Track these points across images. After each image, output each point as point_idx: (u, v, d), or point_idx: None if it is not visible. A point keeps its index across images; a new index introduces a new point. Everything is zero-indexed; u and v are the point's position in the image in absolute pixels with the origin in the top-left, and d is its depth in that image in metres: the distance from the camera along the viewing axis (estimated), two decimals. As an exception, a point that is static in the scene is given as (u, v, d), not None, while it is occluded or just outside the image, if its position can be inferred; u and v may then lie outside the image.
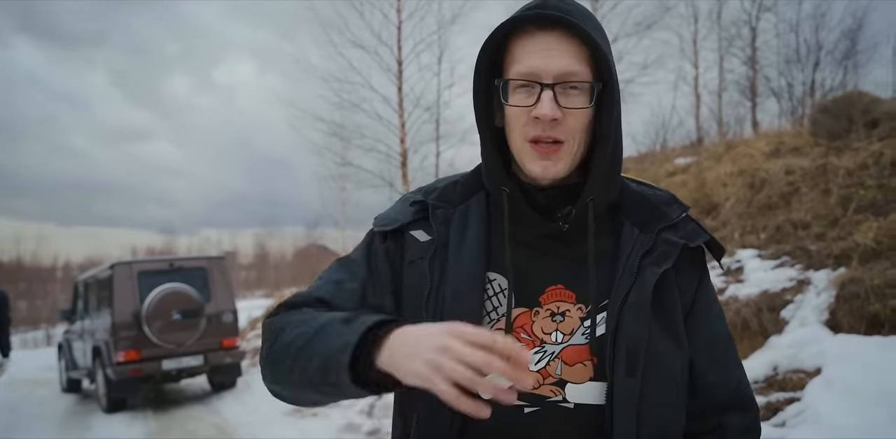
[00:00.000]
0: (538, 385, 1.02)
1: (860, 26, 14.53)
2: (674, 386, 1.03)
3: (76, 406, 9.43)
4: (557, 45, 0.99)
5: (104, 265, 9.24)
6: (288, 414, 7.56)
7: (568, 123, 1.00)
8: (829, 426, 3.42)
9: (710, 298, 1.12)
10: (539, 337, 1.04)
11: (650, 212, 1.10)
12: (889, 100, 6.90)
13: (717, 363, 1.08)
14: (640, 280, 1.02)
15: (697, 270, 1.11)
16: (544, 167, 1.02)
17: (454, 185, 1.18)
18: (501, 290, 1.07)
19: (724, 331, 1.12)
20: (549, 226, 1.07)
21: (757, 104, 16.13)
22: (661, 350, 1.01)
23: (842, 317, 4.24)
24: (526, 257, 1.08)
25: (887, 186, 5.33)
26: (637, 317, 1.00)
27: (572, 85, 0.99)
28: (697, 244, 1.08)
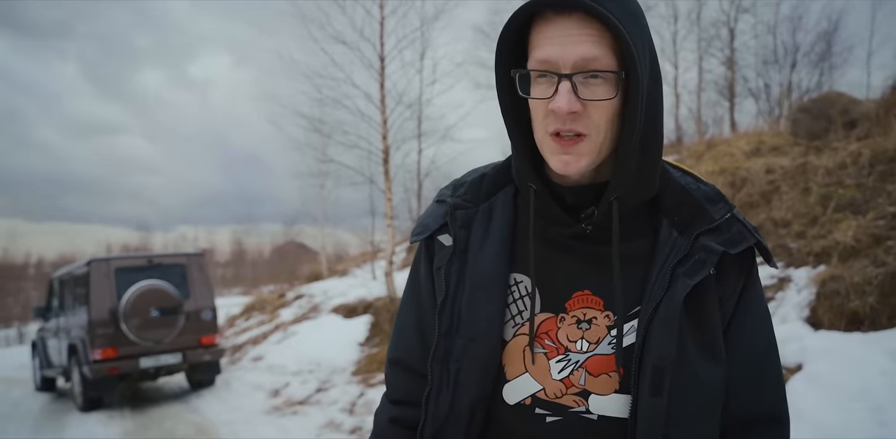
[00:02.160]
0: (561, 394, 0.99)
1: (836, 29, 14.79)
2: (707, 404, 0.96)
3: (51, 405, 9.28)
4: (577, 30, 0.90)
5: (81, 261, 9.11)
6: (269, 413, 7.51)
7: (591, 115, 0.92)
8: (811, 421, 3.46)
9: (754, 307, 1.03)
10: (564, 345, 1.00)
11: (691, 211, 1.00)
12: (867, 101, 7.00)
13: (756, 376, 1.01)
14: (670, 292, 0.94)
15: (743, 276, 1.01)
16: (565, 162, 0.94)
17: (482, 179, 1.13)
18: (527, 293, 1.03)
19: (768, 342, 1.04)
20: (576, 227, 1.01)
21: (735, 104, 16.33)
22: (694, 367, 0.95)
23: (822, 314, 4.29)
24: (552, 259, 1.03)
25: (866, 185, 5.40)
26: (666, 333, 0.93)
27: (593, 74, 0.90)
28: (739, 250, 0.98)
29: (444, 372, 1.03)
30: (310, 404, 7.59)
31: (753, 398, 1.01)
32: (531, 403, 0.99)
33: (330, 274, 16.77)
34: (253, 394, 8.52)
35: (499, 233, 1.05)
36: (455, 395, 1.02)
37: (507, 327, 1.03)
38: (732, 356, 1.00)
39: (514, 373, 1.01)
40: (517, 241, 1.06)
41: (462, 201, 1.10)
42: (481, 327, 1.01)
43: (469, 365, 1.01)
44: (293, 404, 7.69)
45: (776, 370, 1.04)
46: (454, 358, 1.02)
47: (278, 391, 8.37)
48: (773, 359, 1.04)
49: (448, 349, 1.03)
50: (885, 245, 4.51)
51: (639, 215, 1.02)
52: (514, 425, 1.00)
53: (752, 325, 1.02)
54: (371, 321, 9.95)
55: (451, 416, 1.02)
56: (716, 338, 0.97)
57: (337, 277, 15.62)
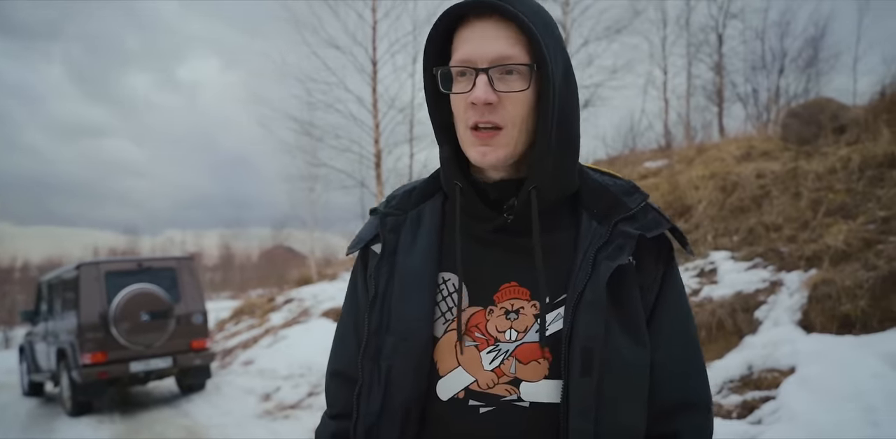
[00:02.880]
0: (493, 384, 1.01)
1: (823, 35, 14.96)
2: (634, 384, 1.01)
3: (38, 409, 9.21)
4: (494, 31, 0.98)
5: (70, 265, 9.05)
6: (260, 417, 7.48)
7: (506, 108, 0.99)
8: (804, 423, 3.49)
9: (674, 296, 1.09)
10: (493, 336, 1.03)
11: (609, 203, 1.07)
12: (856, 107, 7.08)
13: (679, 362, 1.06)
14: (594, 277, 0.99)
15: (661, 265, 1.08)
16: (483, 153, 1.01)
17: (411, 192, 1.19)
18: (456, 290, 1.06)
19: (690, 330, 1.10)
20: (499, 220, 1.06)
21: (723, 109, 16.45)
22: (620, 348, 0.99)
23: (814, 317, 4.32)
24: (479, 254, 1.07)
25: (856, 190, 5.46)
26: (592, 317, 0.97)
27: (509, 69, 0.98)
28: (655, 234, 1.04)
29: (374, 369, 1.06)
30: (301, 408, 7.56)
31: (678, 386, 1.05)
32: (465, 396, 1.02)
33: (319, 278, 16.73)
34: (244, 398, 8.48)
35: (427, 235, 1.11)
36: (387, 392, 1.04)
37: (438, 324, 1.06)
38: (657, 345, 1.04)
39: (446, 369, 1.04)
40: (445, 242, 1.10)
41: (392, 210, 1.16)
42: (412, 326, 1.05)
43: (400, 364, 1.04)
44: (284, 408, 7.66)
45: (698, 358, 1.09)
46: (385, 356, 1.06)
47: (269, 395, 8.34)
48: (696, 348, 1.09)
49: (378, 346, 1.06)
50: (876, 249, 4.56)
51: (560, 210, 1.08)
52: (449, 420, 1.02)
53: (675, 315, 1.08)
54: (362, 325, 9.91)
55: (384, 414, 1.04)
56: (639, 324, 1.02)
57: (326, 281, 15.57)
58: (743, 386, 4.13)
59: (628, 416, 1.00)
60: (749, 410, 3.89)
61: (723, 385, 4.24)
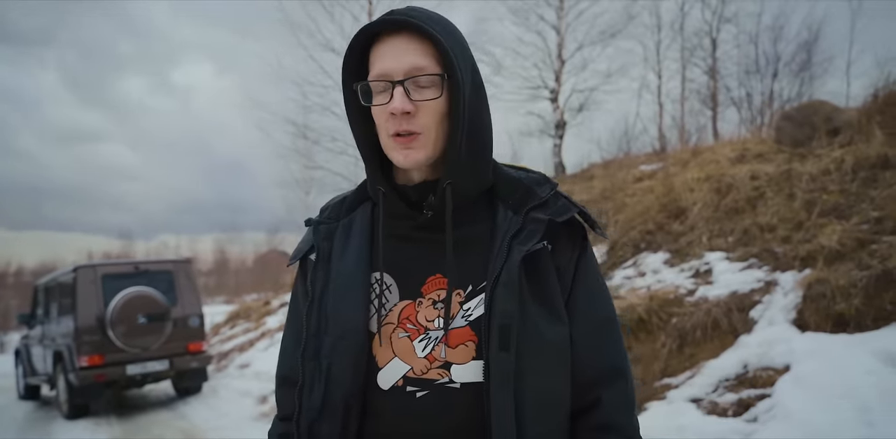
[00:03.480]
0: (427, 369, 1.08)
1: (816, 39, 15.02)
2: (553, 359, 1.08)
3: (35, 413, 9.20)
4: (405, 45, 1.06)
5: (67, 268, 9.05)
6: (256, 419, 7.48)
7: (422, 115, 1.06)
8: (799, 420, 3.52)
9: (592, 277, 1.17)
10: (423, 326, 1.10)
11: (522, 194, 1.15)
12: (849, 109, 7.13)
13: (596, 337, 1.14)
14: (509, 260, 1.06)
15: (576, 249, 1.16)
16: (405, 155, 1.08)
17: (343, 201, 1.26)
18: (388, 287, 1.14)
19: (606, 308, 1.17)
20: (420, 218, 1.13)
21: (718, 113, 16.51)
22: (537, 325, 1.06)
23: (809, 317, 4.36)
24: (405, 252, 1.15)
25: (849, 191, 5.51)
26: (508, 295, 1.04)
27: (422, 80, 1.06)
28: (565, 219, 1.12)
29: (315, 369, 1.12)
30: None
31: (600, 356, 1.13)
32: (403, 383, 1.08)
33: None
34: (240, 401, 8.48)
35: (358, 239, 1.18)
36: (327, 389, 1.10)
37: (373, 320, 1.13)
38: (577, 321, 1.13)
39: (384, 360, 1.10)
40: (375, 245, 1.17)
41: (325, 219, 1.24)
42: (348, 325, 1.11)
43: (339, 361, 1.10)
44: (282, 410, 7.66)
45: (616, 331, 1.17)
46: (324, 354, 1.12)
47: (266, 397, 8.33)
48: (613, 322, 1.18)
49: (317, 347, 1.13)
50: (870, 248, 4.60)
51: (477, 204, 1.16)
52: (389, 408, 1.08)
53: (591, 293, 1.16)
54: (358, 327, 9.93)
55: (325, 409, 1.10)
56: (556, 303, 1.10)
57: (322, 285, 15.57)
58: (738, 384, 4.16)
59: (548, 389, 1.08)
60: (745, 408, 3.92)
61: (718, 383, 4.27)
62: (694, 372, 4.55)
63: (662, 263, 6.44)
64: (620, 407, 1.13)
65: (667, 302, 5.39)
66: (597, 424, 1.11)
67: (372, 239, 1.18)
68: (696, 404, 4.18)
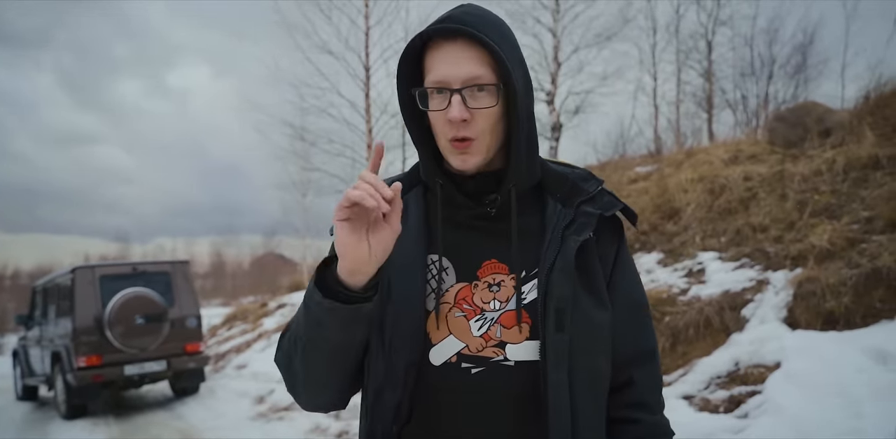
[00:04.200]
0: (482, 348, 1.15)
1: (811, 41, 15.10)
2: (600, 340, 1.17)
3: (33, 413, 9.23)
4: (462, 53, 1.10)
5: (64, 269, 9.08)
6: (254, 419, 7.53)
7: (479, 122, 1.12)
8: (789, 415, 3.58)
9: (629, 266, 1.27)
10: (479, 307, 1.17)
11: (570, 189, 1.23)
12: (841, 110, 7.21)
13: (633, 321, 1.24)
14: (563, 249, 1.15)
15: (616, 240, 1.25)
16: (462, 160, 1.15)
17: (397, 181, 1.30)
18: (444, 269, 1.21)
19: (641, 296, 1.28)
20: (479, 210, 1.21)
21: (713, 115, 16.60)
22: (586, 309, 1.15)
23: (799, 315, 4.42)
24: (462, 237, 1.22)
25: (840, 191, 5.58)
26: (563, 281, 1.13)
27: (479, 87, 1.10)
28: (612, 213, 1.22)
29: (379, 341, 1.18)
30: (295, 410, 7.59)
31: (635, 339, 1.24)
32: (457, 360, 1.15)
33: (312, 283, 16.70)
34: (238, 401, 8.52)
35: (415, 222, 1.24)
36: (389, 359, 1.16)
37: (429, 300, 1.19)
38: (616, 307, 1.22)
39: (438, 338, 1.17)
40: (431, 227, 1.24)
41: None
42: (406, 302, 1.18)
43: (399, 333, 1.17)
44: (278, 410, 7.70)
45: (649, 316, 1.29)
46: (388, 326, 1.18)
47: (263, 397, 8.38)
48: (647, 307, 1.29)
49: (381, 317, 1.19)
50: (859, 247, 4.67)
51: (527, 197, 1.23)
52: (442, 381, 1.15)
53: (629, 281, 1.26)
54: (356, 328, 9.97)
55: (387, 377, 1.16)
56: (601, 289, 1.20)
57: (319, 286, 15.58)
58: (730, 381, 4.22)
59: (596, 366, 1.16)
60: (736, 404, 3.98)
61: (710, 381, 4.33)
62: (686, 369, 4.60)
63: (656, 263, 6.50)
64: (651, 387, 1.24)
65: (660, 301, 5.45)
66: (630, 401, 1.21)
67: (427, 222, 1.24)
68: (687, 401, 4.24)
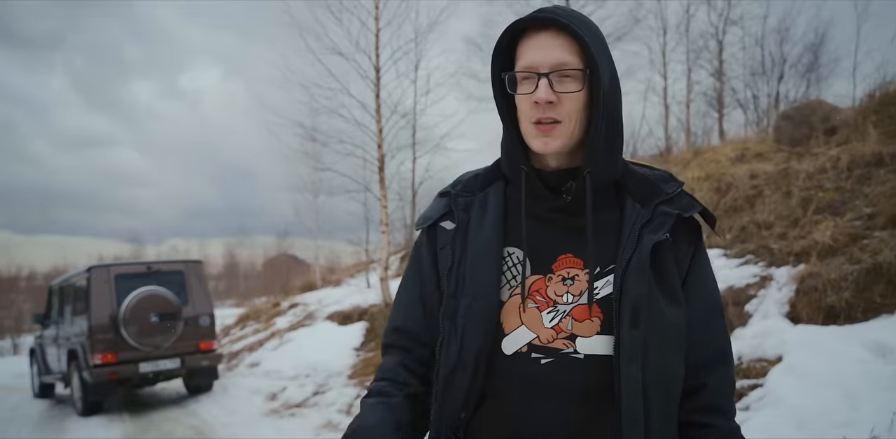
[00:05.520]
0: (552, 339, 1.18)
1: (822, 41, 15.05)
2: (674, 338, 1.18)
3: (50, 410, 9.37)
4: (551, 41, 1.16)
5: (80, 268, 9.23)
6: (267, 415, 7.64)
7: (564, 105, 1.16)
8: (789, 407, 3.64)
9: (705, 269, 1.27)
10: (552, 299, 1.20)
11: (650, 189, 1.24)
12: (846, 108, 7.24)
13: (706, 323, 1.24)
14: (640, 247, 1.16)
15: (694, 241, 1.25)
16: (545, 143, 1.18)
17: (476, 177, 1.37)
18: (519, 262, 1.24)
19: (715, 298, 1.28)
20: (558, 201, 1.23)
21: (724, 115, 16.57)
22: (661, 307, 1.16)
23: (801, 309, 4.48)
24: (539, 230, 1.24)
25: (844, 188, 5.63)
26: (639, 279, 1.14)
27: (565, 73, 1.15)
28: (690, 214, 1.22)
29: (452, 327, 1.24)
30: (307, 406, 7.71)
31: (709, 340, 1.24)
32: (527, 350, 1.19)
33: (324, 284, 16.87)
34: (250, 398, 8.63)
35: (493, 214, 1.28)
36: (462, 345, 1.22)
37: (504, 290, 1.23)
38: (690, 307, 1.22)
39: (511, 327, 1.21)
40: (509, 221, 1.28)
41: (462, 192, 1.34)
42: (482, 289, 1.22)
43: (473, 321, 1.21)
44: (291, 407, 7.81)
45: (723, 318, 1.28)
46: (460, 315, 1.23)
47: (275, 395, 8.49)
48: (721, 309, 1.28)
49: (455, 307, 1.24)
50: (861, 243, 4.72)
51: (607, 194, 1.25)
52: (513, 369, 1.19)
53: (704, 283, 1.26)
54: (366, 327, 10.08)
55: (459, 363, 1.21)
56: (675, 289, 1.20)
57: (331, 287, 15.73)
58: (733, 375, 4.28)
59: (669, 365, 1.17)
60: (738, 398, 4.05)
61: (713, 374, 4.39)
62: (690, 364, 4.66)
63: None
64: (725, 391, 1.22)
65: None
66: (703, 406, 1.20)
67: (505, 215, 1.27)
68: (691, 394, 4.30)
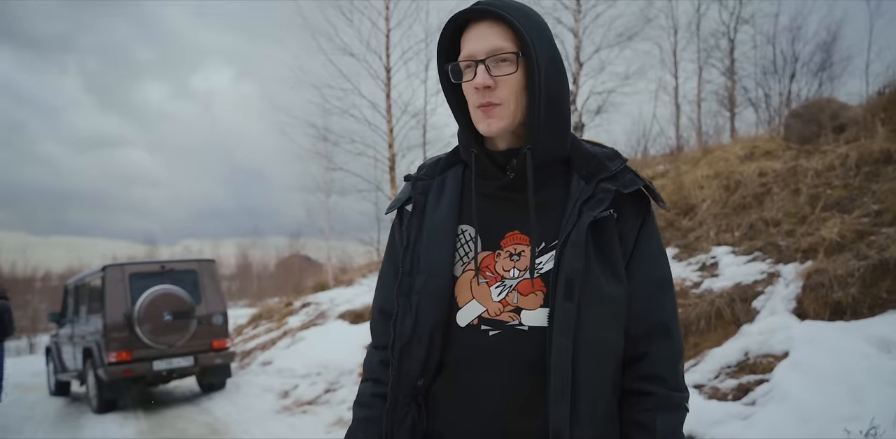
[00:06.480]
0: (500, 312, 1.25)
1: (834, 39, 15.02)
2: (611, 311, 1.23)
3: (66, 408, 9.48)
4: (487, 29, 1.23)
5: (95, 267, 9.35)
6: (279, 412, 7.71)
7: (502, 88, 1.23)
8: (794, 401, 3.67)
9: (651, 244, 1.31)
10: (500, 274, 1.28)
11: (595, 166, 1.29)
12: (855, 106, 7.24)
13: (650, 297, 1.28)
14: (578, 223, 1.22)
15: (640, 217, 1.30)
16: (488, 124, 1.25)
17: (437, 162, 1.45)
18: (472, 239, 1.32)
19: (662, 272, 1.31)
20: (504, 179, 1.30)
21: (735, 114, 16.55)
22: (599, 281, 1.21)
23: (808, 305, 4.50)
24: (490, 208, 1.31)
25: (852, 185, 5.64)
26: (575, 253, 1.19)
27: (501, 57, 1.22)
28: (631, 190, 1.26)
29: (407, 303, 1.32)
30: (319, 404, 7.78)
31: (652, 313, 1.28)
32: (478, 323, 1.27)
33: (336, 284, 16.96)
34: (263, 396, 8.71)
35: (450, 195, 1.36)
36: (417, 320, 1.29)
37: (458, 266, 1.32)
38: (634, 281, 1.27)
39: (463, 301, 1.29)
40: (464, 201, 1.36)
41: (422, 176, 1.43)
42: (436, 268, 1.30)
43: (427, 297, 1.30)
44: (302, 404, 7.88)
45: (671, 296, 1.32)
46: (415, 291, 1.31)
47: (287, 392, 8.56)
48: (668, 286, 1.32)
49: (410, 284, 1.32)
50: (868, 240, 4.74)
51: (555, 171, 1.31)
52: (465, 341, 1.27)
53: (651, 257, 1.31)
54: (377, 326, 10.12)
55: (414, 336, 1.29)
56: (617, 264, 1.26)
57: (343, 286, 15.81)
58: (739, 370, 4.31)
59: (603, 336, 1.22)
60: (744, 392, 4.08)
61: (720, 370, 4.43)
62: (698, 360, 4.70)
63: (671, 258, 6.58)
64: (665, 360, 1.26)
65: (673, 294, 5.53)
66: (643, 374, 1.25)
67: (462, 195, 1.35)
68: (697, 390, 4.34)
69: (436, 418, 1.29)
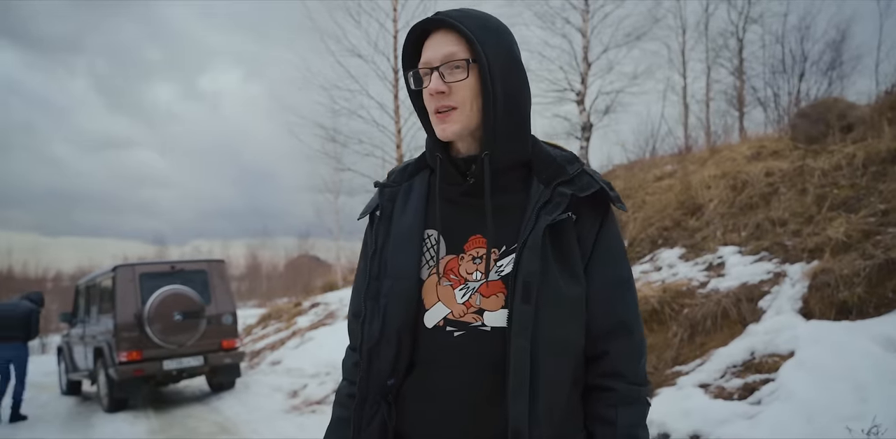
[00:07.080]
0: (464, 314, 1.29)
1: (843, 38, 14.91)
2: (568, 313, 1.26)
3: (77, 407, 9.57)
4: (442, 38, 1.29)
5: (106, 267, 9.43)
6: (288, 412, 7.75)
7: (457, 93, 1.27)
8: (799, 400, 3.68)
9: (610, 244, 1.33)
10: (464, 277, 1.31)
11: (554, 170, 1.32)
12: (862, 106, 7.23)
13: (610, 296, 1.31)
14: (536, 227, 1.24)
15: (598, 219, 1.32)
16: (443, 129, 1.29)
17: (405, 168, 1.49)
18: (437, 243, 1.36)
19: (621, 272, 1.34)
20: (465, 185, 1.33)
21: (744, 113, 16.48)
22: (557, 283, 1.24)
23: (814, 305, 4.51)
24: (454, 213, 1.35)
25: (859, 185, 5.64)
26: (532, 257, 1.22)
27: (454, 64, 1.27)
28: (587, 194, 1.29)
29: (375, 306, 1.36)
30: (327, 403, 7.81)
31: (611, 312, 1.31)
32: (444, 324, 1.30)
33: (345, 284, 17.02)
34: (272, 395, 8.76)
35: (416, 200, 1.40)
36: (384, 322, 1.33)
37: (424, 269, 1.35)
38: (593, 281, 1.30)
39: (430, 303, 1.33)
40: (430, 206, 1.39)
41: (390, 182, 1.48)
42: (404, 270, 1.35)
43: (395, 300, 1.33)
44: (311, 403, 7.93)
45: (631, 295, 1.35)
46: (383, 295, 1.35)
47: (296, 392, 8.61)
48: (628, 286, 1.35)
49: (378, 288, 1.37)
50: (874, 239, 4.74)
51: (515, 175, 1.34)
52: (433, 341, 1.31)
53: (610, 258, 1.33)
54: (386, 326, 10.16)
55: (382, 338, 1.33)
56: (575, 266, 1.28)
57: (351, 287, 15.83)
58: (745, 370, 4.32)
59: (562, 338, 1.25)
60: (749, 392, 4.09)
61: (726, 369, 4.44)
62: (704, 359, 4.72)
63: (678, 258, 6.60)
64: (627, 357, 1.29)
65: (679, 293, 5.56)
66: (605, 371, 1.29)
67: (428, 200, 1.39)
68: (703, 389, 4.35)
69: (405, 416, 1.33)
